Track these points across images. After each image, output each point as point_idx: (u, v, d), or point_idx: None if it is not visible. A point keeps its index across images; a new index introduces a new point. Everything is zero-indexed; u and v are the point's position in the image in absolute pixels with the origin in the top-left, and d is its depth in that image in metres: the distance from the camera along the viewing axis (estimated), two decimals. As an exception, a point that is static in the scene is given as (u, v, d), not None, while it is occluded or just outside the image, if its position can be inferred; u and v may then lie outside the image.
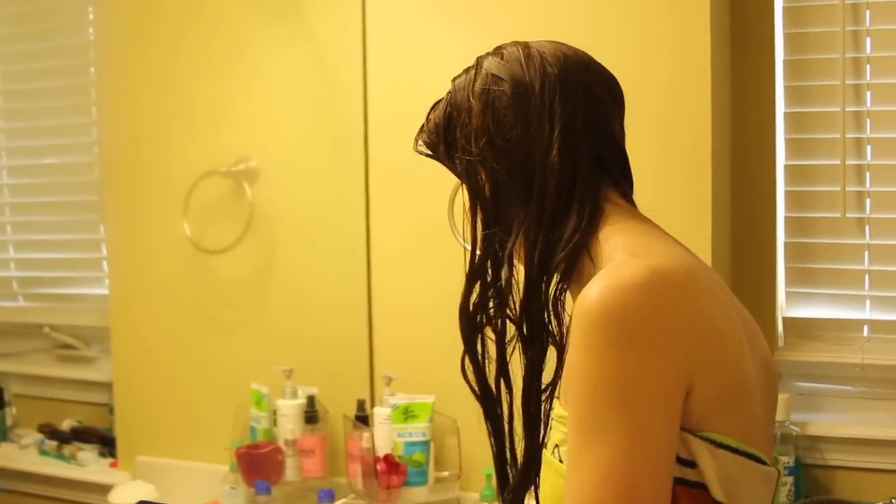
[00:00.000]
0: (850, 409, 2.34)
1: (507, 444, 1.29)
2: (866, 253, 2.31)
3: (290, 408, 2.25)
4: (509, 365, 1.26)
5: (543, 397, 1.24)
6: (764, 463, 1.16)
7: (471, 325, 1.27)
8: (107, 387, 2.71)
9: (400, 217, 2.36)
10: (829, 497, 2.29)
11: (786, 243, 2.34)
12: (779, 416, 2.16)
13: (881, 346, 2.30)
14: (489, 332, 1.27)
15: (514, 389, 1.27)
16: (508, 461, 1.29)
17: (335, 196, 2.39)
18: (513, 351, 1.25)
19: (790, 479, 2.22)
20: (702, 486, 1.10)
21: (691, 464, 1.10)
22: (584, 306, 1.07)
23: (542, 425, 1.23)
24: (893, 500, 2.24)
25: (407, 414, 2.18)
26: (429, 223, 2.28)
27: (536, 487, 1.25)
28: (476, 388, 1.28)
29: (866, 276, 2.31)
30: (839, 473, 2.30)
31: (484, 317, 1.27)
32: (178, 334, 2.50)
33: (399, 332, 2.37)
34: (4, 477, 2.70)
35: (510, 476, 1.29)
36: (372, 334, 2.38)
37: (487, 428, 1.30)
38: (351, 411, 2.26)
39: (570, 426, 1.10)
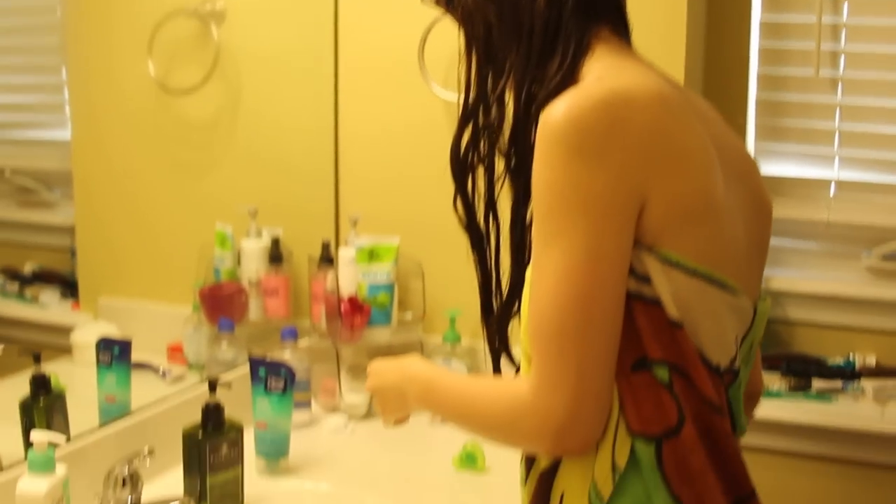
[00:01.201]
0: (814, 265, 2.37)
1: (493, 275, 1.34)
2: (837, 111, 2.31)
3: (254, 248, 2.24)
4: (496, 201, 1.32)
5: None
6: (734, 292, 1.18)
7: (462, 165, 1.33)
8: (69, 231, 2.67)
9: (368, 57, 2.33)
10: (789, 352, 2.32)
11: (757, 100, 2.33)
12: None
13: (847, 205, 2.32)
14: (479, 171, 1.33)
15: (501, 223, 1.32)
16: (493, 292, 1.34)
17: (302, 36, 2.35)
18: (501, 188, 1.31)
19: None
20: (658, 303, 1.14)
21: (647, 279, 1.14)
22: (546, 120, 1.12)
23: (527, 252, 1.26)
24: (851, 355, 2.28)
25: (371, 256, 2.18)
26: (397, 62, 2.25)
27: (518, 314, 1.27)
28: (465, 224, 1.35)
29: (836, 135, 2.32)
30: (800, 329, 2.33)
31: (475, 156, 1.32)
32: (142, 176, 2.46)
33: (365, 174, 2.36)
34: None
35: (494, 306, 1.34)
36: (338, 176, 2.37)
37: (475, 261, 1.35)
38: (316, 253, 2.26)
39: (532, 237, 1.16)
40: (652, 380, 1.14)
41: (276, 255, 2.23)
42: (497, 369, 1.38)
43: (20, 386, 1.72)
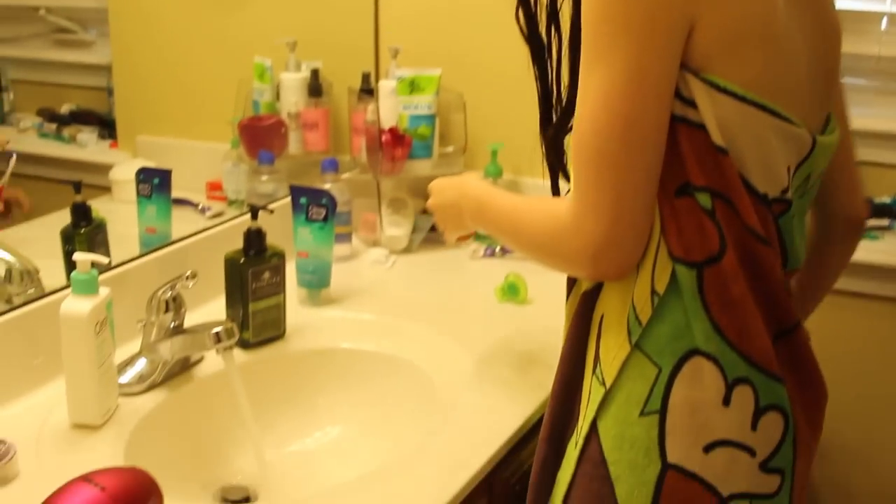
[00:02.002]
0: (863, 102, 2.30)
1: (554, 89, 1.33)
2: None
3: (293, 81, 2.19)
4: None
5: None
6: (788, 121, 1.15)
7: None
8: (106, 70, 2.65)
9: None
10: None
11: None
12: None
13: (900, 38, 2.25)
14: None
15: (563, 34, 1.30)
16: (553, 105, 1.34)
17: None
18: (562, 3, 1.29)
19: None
20: (703, 128, 1.12)
21: (693, 103, 1.11)
22: None
23: None
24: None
25: (413, 87, 2.13)
26: None
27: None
28: (527, 35, 1.33)
29: (891, -35, 2.23)
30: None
31: None
32: (178, 12, 2.42)
33: (405, 4, 2.30)
34: (4, 159, 2.67)
35: (553, 116, 1.34)
36: (377, 5, 2.31)
37: (535, 73, 1.33)
38: (356, 85, 2.22)
39: (581, 57, 1.13)
40: (695, 206, 1.13)
41: (315, 87, 2.19)
42: (554, 185, 1.37)
43: (62, 222, 1.72)
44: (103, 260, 1.47)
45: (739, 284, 1.13)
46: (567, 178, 1.34)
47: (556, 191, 1.38)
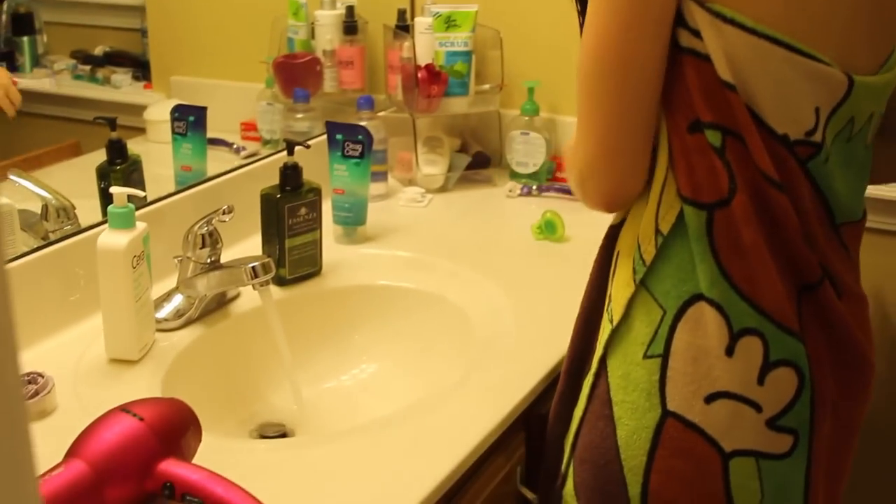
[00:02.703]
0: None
1: None
2: None
3: (328, 18, 2.17)
4: None
5: None
6: (813, 58, 1.08)
7: None
8: (139, 10, 2.64)
9: None
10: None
11: None
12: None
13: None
14: None
15: None
16: None
17: None
18: None
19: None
20: (710, 61, 1.07)
21: (700, 35, 1.07)
22: None
23: None
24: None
25: (449, 23, 2.10)
26: None
27: None
28: None
29: None
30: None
31: None
32: (212, -50, 2.40)
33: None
34: (39, 101, 2.67)
35: None
36: (413, -60, 2.28)
37: (576, 6, 1.26)
38: (391, 21, 2.19)
39: None
40: (705, 143, 1.08)
41: (350, 24, 2.16)
42: None
43: (98, 163, 1.71)
44: (139, 193, 1.46)
45: (751, 230, 1.08)
46: None
47: None
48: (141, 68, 2.64)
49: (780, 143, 1.10)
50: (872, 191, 1.37)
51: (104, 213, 1.50)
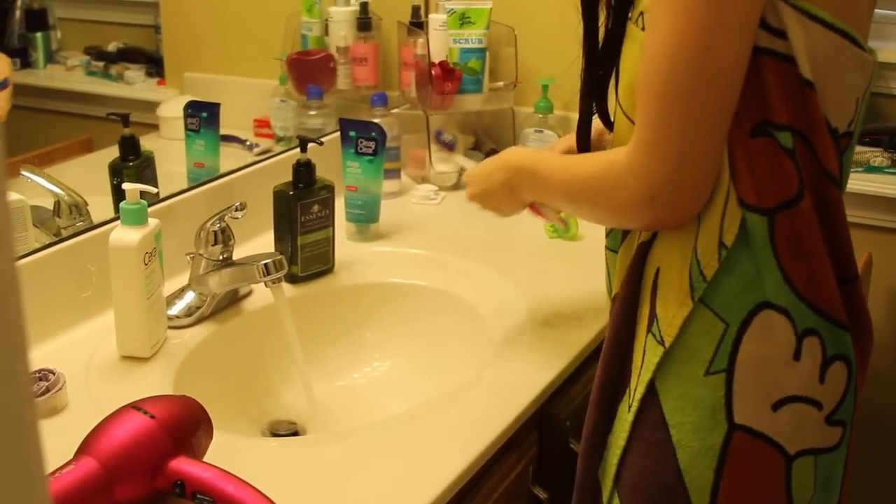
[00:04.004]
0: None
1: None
2: None
3: (342, 14, 2.16)
4: None
5: None
6: (861, 47, 1.08)
7: None
8: (153, 7, 2.64)
9: None
10: (892, 125, 2.23)
11: None
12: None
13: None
14: None
15: None
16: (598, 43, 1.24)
17: None
18: None
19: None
20: (790, 60, 1.04)
21: (782, 34, 1.03)
22: None
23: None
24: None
25: (463, 20, 2.09)
26: None
27: (618, 63, 1.19)
28: None
29: None
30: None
31: None
32: (225, -54, 2.40)
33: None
34: (52, 97, 2.67)
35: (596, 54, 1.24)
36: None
37: (582, 7, 1.23)
38: (405, 18, 2.18)
39: None
40: (773, 145, 1.05)
41: (364, 21, 2.16)
42: (587, 128, 1.31)
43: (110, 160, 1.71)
44: (152, 190, 1.45)
45: (813, 230, 1.06)
46: (604, 120, 1.28)
47: (586, 134, 1.31)
48: (154, 65, 2.64)
49: (832, 137, 1.09)
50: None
51: (116, 209, 1.50)
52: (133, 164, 1.69)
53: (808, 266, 1.07)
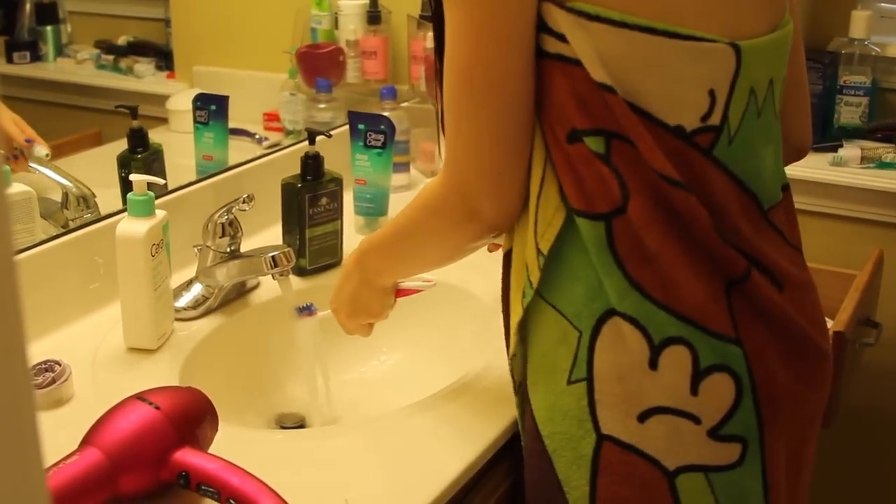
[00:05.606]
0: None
1: None
2: None
3: (351, 8, 2.16)
4: None
5: None
6: (694, 38, 1.02)
7: None
8: (162, 0, 2.64)
9: None
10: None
11: None
12: (859, 34, 2.05)
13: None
14: None
15: None
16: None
17: None
18: None
19: (865, 101, 2.13)
20: (579, 63, 1.01)
21: (564, 38, 1.01)
22: None
23: None
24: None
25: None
26: None
27: None
28: None
29: None
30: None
31: None
32: (235, -61, 2.40)
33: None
34: (63, 91, 2.67)
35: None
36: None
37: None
38: (415, 11, 2.18)
39: None
40: (587, 152, 1.02)
41: (374, 14, 2.15)
42: None
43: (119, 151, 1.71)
44: (159, 181, 1.45)
45: (654, 234, 1.02)
46: None
47: None
48: (164, 58, 2.64)
49: (675, 136, 1.03)
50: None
51: (125, 202, 1.50)
52: (141, 156, 1.69)
53: (657, 272, 1.03)
